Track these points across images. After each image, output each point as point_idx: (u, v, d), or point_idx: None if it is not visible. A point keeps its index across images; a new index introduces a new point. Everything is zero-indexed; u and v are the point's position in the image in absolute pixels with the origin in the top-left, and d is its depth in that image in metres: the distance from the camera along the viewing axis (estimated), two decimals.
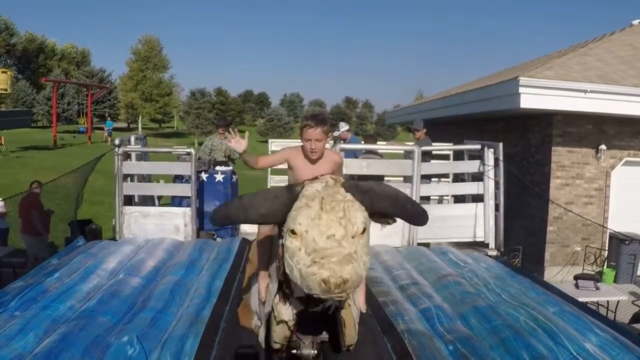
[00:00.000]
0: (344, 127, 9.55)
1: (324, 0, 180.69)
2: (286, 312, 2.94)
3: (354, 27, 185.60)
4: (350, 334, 3.05)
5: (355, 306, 3.09)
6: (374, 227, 3.11)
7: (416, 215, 2.64)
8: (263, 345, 3.31)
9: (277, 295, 3.01)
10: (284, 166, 3.62)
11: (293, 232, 2.36)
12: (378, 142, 9.83)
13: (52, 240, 10.00)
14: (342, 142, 9.03)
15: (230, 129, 3.58)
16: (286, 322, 2.96)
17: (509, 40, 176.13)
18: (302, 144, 3.41)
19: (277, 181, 7.99)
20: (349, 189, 2.46)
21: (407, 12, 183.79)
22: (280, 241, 2.64)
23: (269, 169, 8.43)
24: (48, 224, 9.61)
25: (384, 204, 2.51)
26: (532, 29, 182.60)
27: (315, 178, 2.65)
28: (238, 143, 3.48)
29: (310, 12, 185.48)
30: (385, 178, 8.25)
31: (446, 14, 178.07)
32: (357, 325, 3.13)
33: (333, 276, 2.17)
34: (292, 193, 2.49)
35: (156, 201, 8.46)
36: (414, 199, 6.88)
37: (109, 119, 44.83)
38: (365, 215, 2.44)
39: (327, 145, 3.68)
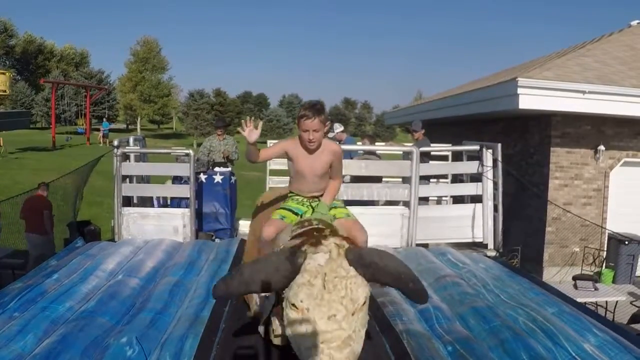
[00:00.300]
0: (338, 128, 9.56)
1: (323, 0, 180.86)
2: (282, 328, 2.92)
3: (352, 27, 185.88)
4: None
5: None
6: (374, 226, 3.13)
7: (417, 294, 2.60)
8: (263, 335, 3.40)
9: (274, 310, 3.00)
10: (282, 167, 3.63)
11: (294, 305, 2.36)
12: (376, 143, 9.84)
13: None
14: (337, 143, 9.02)
15: (247, 119, 3.51)
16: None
17: (508, 42, 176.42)
18: (299, 134, 3.40)
19: (276, 182, 7.97)
20: (352, 262, 2.41)
21: (406, 12, 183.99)
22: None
23: (267, 170, 8.44)
24: (53, 224, 9.88)
25: (386, 279, 2.48)
26: (531, 30, 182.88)
27: (317, 238, 2.57)
28: (251, 132, 3.42)
29: (309, 12, 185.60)
30: (384, 179, 8.26)
31: (445, 14, 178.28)
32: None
33: None
34: (293, 265, 2.43)
35: (156, 202, 8.46)
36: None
37: (105, 120, 44.55)
38: (367, 290, 2.43)
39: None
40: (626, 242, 9.64)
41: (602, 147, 10.56)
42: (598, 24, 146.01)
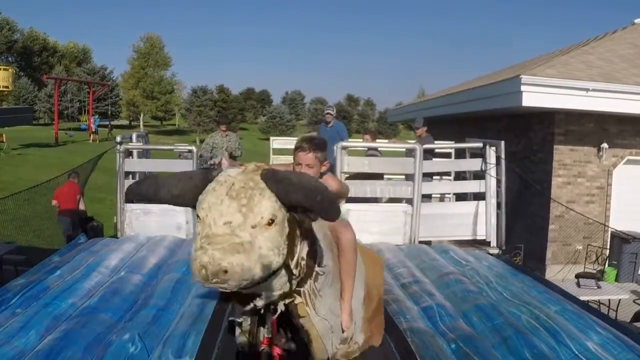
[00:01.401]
0: (329, 109, 9.81)
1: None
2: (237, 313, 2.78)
3: (356, 25, 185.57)
4: (318, 347, 2.81)
5: (321, 317, 2.78)
6: (377, 223, 3.06)
7: (325, 208, 2.28)
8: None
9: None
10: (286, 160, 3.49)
11: (198, 216, 2.22)
12: (378, 140, 9.83)
13: (52, 238, 10.02)
14: (326, 125, 9.16)
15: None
16: (240, 324, 2.81)
17: (512, 39, 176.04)
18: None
19: None
20: (265, 176, 2.25)
21: (410, 10, 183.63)
22: None
23: (270, 159, 8.46)
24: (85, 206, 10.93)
25: (298, 195, 2.24)
26: (535, 28, 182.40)
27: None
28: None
29: (313, 10, 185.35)
30: (387, 176, 8.25)
31: (448, 12, 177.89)
32: (332, 340, 2.90)
33: (211, 263, 1.98)
34: (206, 175, 2.32)
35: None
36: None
37: (96, 116, 43.82)
38: (276, 207, 2.21)
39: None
40: (629, 240, 9.61)
41: (605, 145, 10.53)
42: (602, 22, 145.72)
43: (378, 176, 7.61)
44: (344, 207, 3.78)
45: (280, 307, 2.53)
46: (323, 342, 2.83)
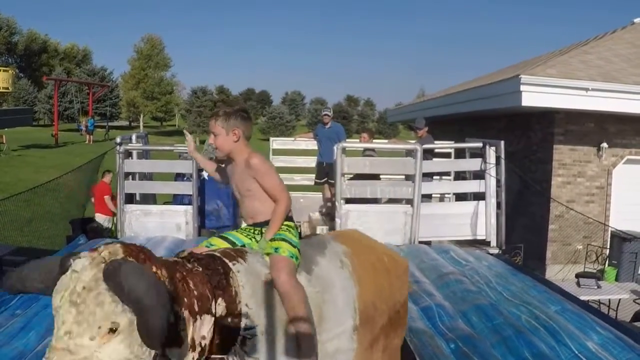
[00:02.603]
0: (326, 111, 9.77)
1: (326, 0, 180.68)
2: None
3: (355, 25, 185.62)
4: None
5: None
6: (377, 224, 2.95)
7: (144, 332, 1.88)
8: None
9: None
10: (286, 164, 3.39)
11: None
12: (376, 140, 9.83)
13: (53, 239, 10.01)
14: (324, 126, 9.15)
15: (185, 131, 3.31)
16: None
17: (511, 40, 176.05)
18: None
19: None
20: (106, 274, 1.90)
21: (410, 10, 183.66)
22: None
23: (270, 160, 8.40)
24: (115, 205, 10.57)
25: (130, 304, 1.89)
26: (535, 28, 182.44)
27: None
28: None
29: (312, 10, 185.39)
30: (387, 176, 8.25)
31: (448, 13, 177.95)
32: None
33: None
34: (61, 267, 2.04)
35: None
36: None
37: (90, 117, 43.14)
38: (117, 311, 1.89)
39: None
40: (629, 240, 9.60)
41: (605, 145, 10.52)
42: (601, 22, 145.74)
43: (375, 176, 7.61)
44: (346, 208, 3.56)
45: None
46: None
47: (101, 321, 1.87)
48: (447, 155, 9.16)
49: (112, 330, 1.88)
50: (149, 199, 8.25)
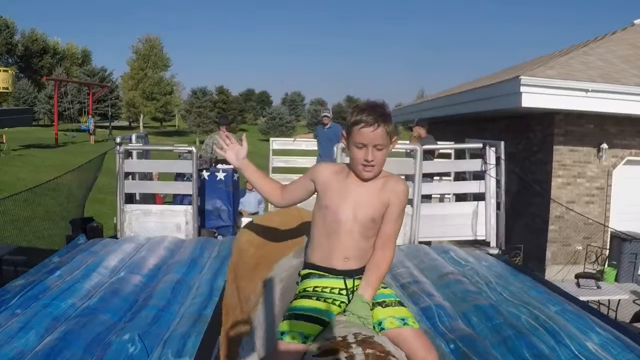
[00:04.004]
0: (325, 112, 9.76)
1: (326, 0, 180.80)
2: None
3: (355, 25, 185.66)
4: None
5: None
6: None
7: None
8: None
9: None
10: (285, 164, 2.71)
11: None
12: None
13: (52, 239, 10.00)
14: (323, 127, 9.13)
15: (222, 130, 2.49)
16: None
17: (512, 41, 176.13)
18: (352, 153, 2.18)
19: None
20: None
21: (409, 11, 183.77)
22: None
23: (270, 166, 8.43)
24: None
25: None
26: (535, 29, 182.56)
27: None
28: (233, 150, 2.45)
29: (313, 10, 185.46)
30: None
31: (448, 14, 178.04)
32: None
33: None
34: None
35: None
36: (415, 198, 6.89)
37: (90, 116, 42.56)
38: None
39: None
40: (629, 241, 9.60)
41: (605, 146, 10.52)
42: (601, 23, 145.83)
43: None
44: None
45: None
46: None
47: None
48: (447, 156, 9.16)
49: None
50: (149, 198, 8.25)
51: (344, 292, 2.17)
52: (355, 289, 2.17)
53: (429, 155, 7.85)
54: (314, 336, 2.03)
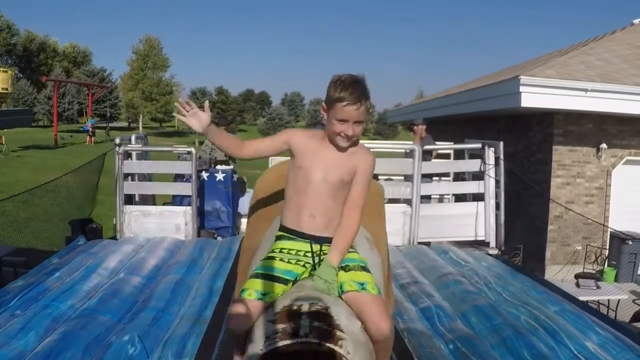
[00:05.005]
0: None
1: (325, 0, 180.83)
2: None
3: (354, 25, 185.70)
4: None
5: None
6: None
7: None
8: None
9: None
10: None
11: None
12: (377, 141, 9.82)
13: (52, 240, 10.00)
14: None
15: (180, 100, 2.43)
16: None
17: (511, 41, 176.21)
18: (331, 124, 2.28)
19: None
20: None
21: (408, 11, 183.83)
22: None
23: (269, 161, 8.40)
24: None
25: None
26: (534, 29, 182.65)
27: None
28: (194, 116, 2.38)
29: (311, 10, 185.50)
30: (386, 177, 8.25)
31: (447, 14, 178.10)
32: None
33: None
34: None
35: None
36: (414, 198, 6.89)
37: (90, 117, 42.16)
38: None
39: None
40: (629, 241, 9.60)
41: (604, 146, 10.53)
42: (600, 22, 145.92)
43: (374, 176, 7.61)
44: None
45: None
46: None
47: None
48: (446, 156, 9.16)
49: None
50: (148, 199, 8.24)
51: (309, 254, 2.29)
52: (321, 252, 2.29)
53: (426, 155, 7.85)
54: (272, 294, 2.17)
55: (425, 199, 7.61)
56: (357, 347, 1.98)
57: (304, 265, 2.29)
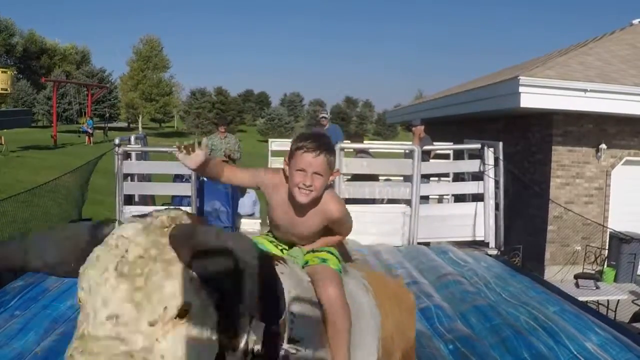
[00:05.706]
0: (323, 112, 9.74)
1: (325, 0, 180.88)
2: None
3: (354, 26, 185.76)
4: None
5: None
6: (375, 225, 2.72)
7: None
8: None
9: None
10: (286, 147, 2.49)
11: (79, 299, 1.56)
12: (378, 141, 9.83)
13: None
14: (322, 128, 9.15)
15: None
16: None
17: (510, 41, 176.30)
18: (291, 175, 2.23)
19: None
20: (175, 239, 1.45)
21: (408, 12, 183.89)
22: None
23: (269, 161, 8.43)
24: None
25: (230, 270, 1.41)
26: (533, 29, 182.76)
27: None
28: (186, 159, 2.22)
29: (311, 11, 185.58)
30: (385, 177, 8.25)
31: (446, 14, 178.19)
32: None
33: None
34: (96, 234, 1.57)
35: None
36: (413, 198, 6.89)
37: (89, 117, 41.70)
38: (190, 289, 1.43)
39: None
40: (628, 241, 9.61)
41: (603, 146, 10.53)
42: (600, 23, 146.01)
43: (374, 177, 7.62)
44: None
45: None
46: None
47: (170, 301, 1.38)
48: (445, 156, 9.16)
49: (181, 314, 1.40)
50: (148, 200, 8.24)
51: (282, 247, 2.44)
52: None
53: (424, 155, 7.87)
54: None
55: (425, 199, 7.62)
56: (291, 278, 1.98)
57: (281, 251, 2.41)
